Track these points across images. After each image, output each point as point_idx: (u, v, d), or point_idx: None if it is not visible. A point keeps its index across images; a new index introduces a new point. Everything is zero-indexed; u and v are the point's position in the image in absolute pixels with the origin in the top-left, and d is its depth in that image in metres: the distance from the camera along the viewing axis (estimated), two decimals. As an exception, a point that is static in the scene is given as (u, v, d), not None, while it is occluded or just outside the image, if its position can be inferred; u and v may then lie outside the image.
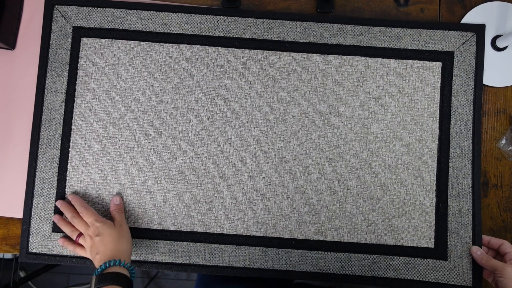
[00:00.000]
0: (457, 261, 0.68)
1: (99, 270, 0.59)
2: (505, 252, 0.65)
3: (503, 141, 0.71)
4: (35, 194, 0.69)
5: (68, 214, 0.67)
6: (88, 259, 0.68)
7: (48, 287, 1.51)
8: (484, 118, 0.72)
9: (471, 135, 0.69)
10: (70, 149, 0.70)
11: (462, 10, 0.74)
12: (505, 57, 0.72)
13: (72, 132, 0.70)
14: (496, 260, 0.64)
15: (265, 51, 0.71)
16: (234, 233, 0.69)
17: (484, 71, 0.71)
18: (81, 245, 0.66)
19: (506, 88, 0.73)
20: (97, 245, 0.62)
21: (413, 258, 0.69)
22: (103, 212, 0.69)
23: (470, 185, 0.69)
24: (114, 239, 0.63)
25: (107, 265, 0.59)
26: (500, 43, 0.71)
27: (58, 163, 0.70)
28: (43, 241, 0.69)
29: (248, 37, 0.71)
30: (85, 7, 0.70)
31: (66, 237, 0.68)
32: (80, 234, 0.66)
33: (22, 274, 1.40)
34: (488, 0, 0.73)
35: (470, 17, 0.72)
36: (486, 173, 0.72)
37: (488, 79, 0.72)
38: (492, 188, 0.72)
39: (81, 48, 0.71)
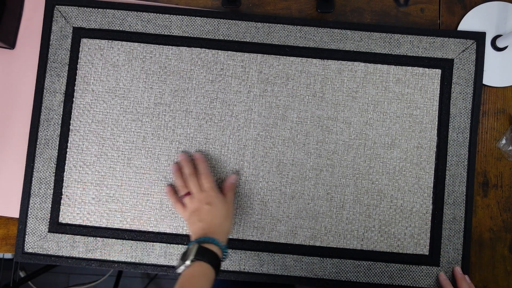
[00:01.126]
0: (448, 266, 0.68)
1: (200, 240, 0.57)
2: None
3: (503, 141, 0.71)
4: (32, 194, 0.69)
5: (186, 169, 0.66)
6: (86, 259, 0.68)
7: (48, 287, 1.51)
8: (484, 118, 0.72)
9: (468, 143, 0.69)
10: (68, 150, 0.70)
11: (462, 10, 0.74)
12: (505, 57, 0.72)
13: (70, 133, 0.70)
14: None
15: (265, 55, 0.71)
16: (230, 237, 0.69)
17: (484, 71, 0.71)
18: (182, 203, 0.66)
19: (506, 88, 0.73)
20: (203, 212, 0.61)
21: (408, 265, 0.69)
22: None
23: (465, 193, 0.69)
24: (222, 216, 0.62)
25: (207, 239, 0.57)
26: (500, 43, 0.71)
27: (55, 163, 0.70)
28: (39, 241, 0.69)
29: (248, 40, 0.71)
30: (85, 8, 0.70)
31: (173, 189, 0.68)
32: (188, 194, 0.65)
33: (22, 274, 1.40)
34: (488, 0, 0.73)
35: (470, 17, 0.72)
36: (486, 173, 0.72)
37: (488, 79, 0.72)
38: (492, 188, 0.72)
39: (80, 49, 0.71)
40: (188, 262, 0.55)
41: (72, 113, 0.70)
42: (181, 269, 0.56)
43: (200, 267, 0.55)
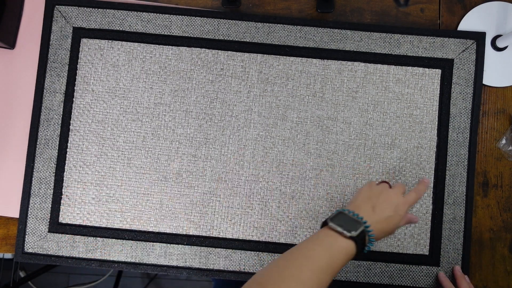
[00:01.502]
0: (448, 266, 0.68)
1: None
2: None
3: (503, 141, 0.71)
4: (32, 194, 0.69)
5: None
6: (86, 259, 0.69)
7: (48, 287, 1.51)
8: (484, 118, 0.72)
9: (468, 143, 0.69)
10: (68, 150, 0.70)
11: (462, 10, 0.74)
12: (505, 57, 0.72)
13: (70, 133, 0.70)
14: None
15: (265, 55, 0.71)
16: (230, 237, 0.69)
17: (484, 71, 0.71)
18: None
19: (506, 88, 0.73)
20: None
21: (408, 265, 0.69)
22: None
23: (465, 193, 0.69)
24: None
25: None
26: (500, 43, 0.71)
27: (55, 163, 0.70)
28: (39, 241, 0.69)
29: (248, 40, 0.71)
30: (85, 8, 0.70)
31: None
32: None
33: (22, 274, 1.40)
34: (488, 0, 0.73)
35: (470, 17, 0.72)
36: (486, 173, 0.72)
37: (488, 79, 0.72)
38: (492, 188, 0.72)
39: (80, 49, 0.71)
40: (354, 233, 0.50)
41: (72, 113, 0.70)
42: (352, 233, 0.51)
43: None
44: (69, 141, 0.70)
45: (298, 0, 0.74)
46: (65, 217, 0.69)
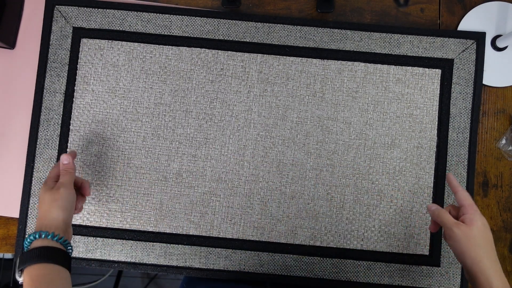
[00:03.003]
0: (449, 267, 0.68)
1: (25, 245, 0.48)
2: (461, 204, 0.56)
3: (503, 141, 0.71)
4: (32, 194, 0.69)
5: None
6: (86, 259, 0.69)
7: (46, 286, 1.51)
8: (484, 118, 0.72)
9: (468, 143, 0.69)
10: (68, 150, 0.70)
11: (462, 10, 0.74)
12: (505, 57, 0.72)
13: (70, 133, 0.70)
14: (448, 216, 0.56)
15: (265, 55, 0.71)
16: (230, 237, 0.69)
17: (484, 71, 0.71)
18: None
19: (506, 88, 0.73)
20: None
21: (408, 265, 0.69)
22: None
23: None
24: (44, 205, 0.54)
25: (31, 237, 0.49)
26: (500, 43, 0.71)
27: (55, 163, 0.70)
28: (39, 241, 0.69)
29: (248, 40, 0.71)
30: (85, 8, 0.70)
31: None
32: None
33: (21, 273, 1.40)
34: (488, 0, 0.73)
35: (470, 17, 0.72)
36: (486, 173, 0.72)
37: (488, 79, 0.72)
38: (492, 188, 0.72)
39: (80, 49, 0.71)
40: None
41: (72, 113, 0.70)
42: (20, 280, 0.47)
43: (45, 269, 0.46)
44: (69, 141, 0.70)
45: (298, 0, 0.74)
46: (65, 217, 0.69)
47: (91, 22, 0.71)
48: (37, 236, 0.49)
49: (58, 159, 0.69)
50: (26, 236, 0.50)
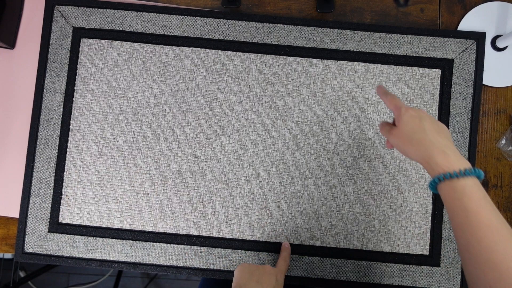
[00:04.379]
0: (449, 267, 0.68)
1: None
2: (391, 109, 0.55)
3: (503, 141, 0.71)
4: (32, 194, 0.69)
5: None
6: (86, 259, 0.69)
7: (48, 287, 1.51)
8: (484, 118, 0.72)
9: (468, 143, 0.69)
10: (67, 150, 0.70)
11: (462, 10, 0.74)
12: (505, 57, 0.72)
13: (70, 133, 0.70)
14: (382, 127, 0.56)
15: (265, 55, 0.71)
16: (230, 237, 0.69)
17: (484, 71, 0.71)
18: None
19: (506, 88, 0.73)
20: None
21: (408, 265, 0.69)
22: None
23: None
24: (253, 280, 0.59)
25: None
26: (500, 43, 0.71)
27: (55, 163, 0.70)
28: (39, 241, 0.69)
29: (248, 40, 0.71)
30: (85, 8, 0.70)
31: None
32: None
33: (22, 274, 1.41)
34: (488, 0, 0.73)
35: (470, 17, 0.72)
36: (486, 173, 0.72)
37: (488, 79, 0.72)
38: (492, 188, 0.72)
39: (80, 49, 0.71)
40: None
41: (72, 113, 0.70)
42: None
43: None
44: (69, 141, 0.70)
45: (298, 0, 0.74)
46: (65, 217, 0.69)
47: (91, 22, 0.71)
48: None
49: (58, 159, 0.69)
50: None
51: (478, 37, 0.70)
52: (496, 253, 0.42)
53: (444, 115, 0.70)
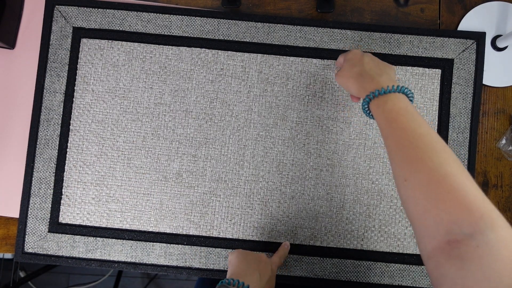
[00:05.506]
0: None
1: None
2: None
3: (503, 141, 0.71)
4: (32, 194, 0.69)
5: None
6: (86, 259, 0.69)
7: (48, 287, 1.51)
8: (484, 118, 0.72)
9: (468, 143, 0.69)
10: (67, 150, 0.70)
11: (462, 10, 0.74)
12: (505, 57, 0.72)
13: (70, 133, 0.70)
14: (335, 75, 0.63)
15: (265, 55, 0.71)
16: (230, 237, 0.69)
17: (484, 71, 0.71)
18: None
19: (506, 88, 0.73)
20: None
21: (408, 265, 0.69)
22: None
23: None
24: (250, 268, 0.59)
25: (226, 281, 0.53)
26: (500, 43, 0.71)
27: (55, 163, 0.70)
28: (39, 241, 0.69)
29: (248, 40, 0.71)
30: (85, 8, 0.70)
31: None
32: None
33: (22, 274, 1.41)
34: (488, 0, 0.73)
35: (470, 17, 0.72)
36: (486, 173, 0.72)
37: (488, 79, 0.72)
38: (492, 188, 0.72)
39: (80, 49, 0.71)
40: None
41: (72, 113, 0.70)
42: None
43: None
44: (69, 141, 0.70)
45: (298, 0, 0.74)
46: (65, 217, 0.69)
47: (91, 22, 0.71)
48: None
49: (58, 159, 0.69)
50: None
51: (478, 37, 0.70)
52: (413, 150, 0.44)
53: (444, 115, 0.70)
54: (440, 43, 0.70)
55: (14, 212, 0.71)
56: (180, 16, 0.71)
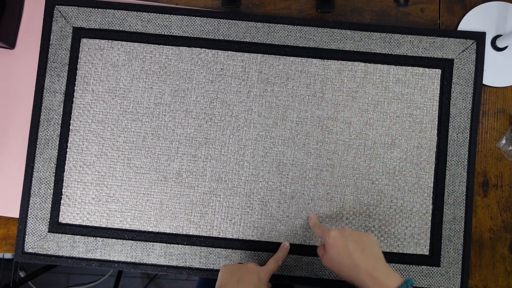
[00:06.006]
0: (449, 267, 0.68)
1: None
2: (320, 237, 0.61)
3: (503, 141, 0.71)
4: (32, 194, 0.69)
5: None
6: (86, 259, 0.69)
7: (48, 287, 1.51)
8: (484, 118, 0.72)
9: (467, 143, 0.69)
10: (67, 150, 0.70)
11: (462, 10, 0.74)
12: (505, 57, 0.72)
13: (70, 133, 0.70)
14: (318, 251, 0.61)
15: (265, 55, 0.71)
16: (230, 237, 0.69)
17: (484, 71, 0.71)
18: None
19: (506, 88, 0.73)
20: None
21: (408, 265, 0.69)
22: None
23: (465, 193, 0.69)
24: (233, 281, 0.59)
25: None
26: (500, 43, 0.71)
27: (55, 163, 0.70)
28: (39, 241, 0.69)
29: (248, 40, 0.71)
30: (85, 8, 0.70)
31: None
32: None
33: (22, 274, 1.41)
34: (488, 0, 0.73)
35: (470, 17, 0.72)
36: (486, 173, 0.72)
37: (488, 79, 0.72)
38: (492, 188, 0.72)
39: (80, 49, 0.71)
40: None
41: (72, 113, 0.70)
42: None
43: None
44: (69, 141, 0.70)
45: (298, 0, 0.74)
46: (65, 217, 0.69)
47: (91, 22, 0.71)
48: None
49: (58, 159, 0.69)
50: None
51: (478, 37, 0.70)
52: None
53: (444, 115, 0.70)
54: (440, 43, 0.70)
55: (14, 212, 0.71)
56: (180, 16, 0.71)
